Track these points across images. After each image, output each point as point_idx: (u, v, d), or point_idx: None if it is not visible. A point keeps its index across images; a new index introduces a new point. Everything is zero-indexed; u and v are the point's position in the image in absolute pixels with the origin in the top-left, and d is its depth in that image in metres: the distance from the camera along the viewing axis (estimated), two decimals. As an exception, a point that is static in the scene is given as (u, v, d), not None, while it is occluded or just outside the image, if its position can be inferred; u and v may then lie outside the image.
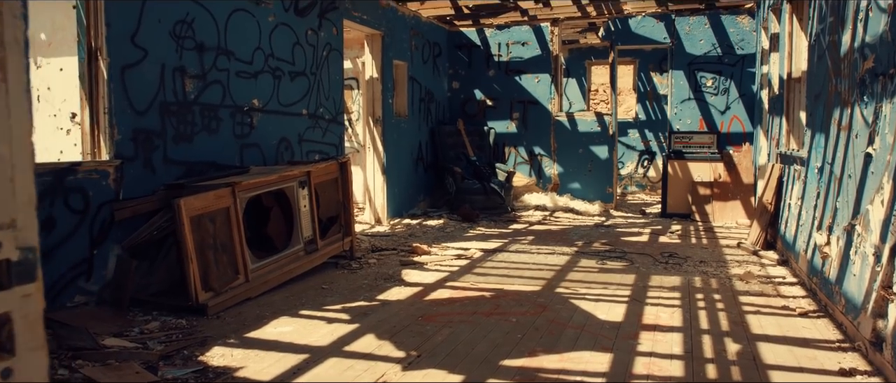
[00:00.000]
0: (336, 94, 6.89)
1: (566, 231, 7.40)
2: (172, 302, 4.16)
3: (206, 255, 4.16)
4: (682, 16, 8.94)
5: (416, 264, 5.54)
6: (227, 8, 5.26)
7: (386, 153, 7.94)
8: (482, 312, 4.10)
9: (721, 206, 8.13)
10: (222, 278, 4.26)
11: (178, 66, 4.77)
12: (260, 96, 5.70)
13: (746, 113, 8.75)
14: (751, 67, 8.69)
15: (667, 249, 6.20)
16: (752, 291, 4.64)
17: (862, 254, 3.47)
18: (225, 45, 5.25)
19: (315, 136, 6.53)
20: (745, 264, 5.56)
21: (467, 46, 9.91)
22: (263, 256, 4.77)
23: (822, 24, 4.68)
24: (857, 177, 3.66)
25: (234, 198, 4.39)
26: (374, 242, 6.54)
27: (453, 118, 9.88)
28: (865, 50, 3.58)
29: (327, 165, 5.52)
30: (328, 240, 5.47)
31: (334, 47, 6.85)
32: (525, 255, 5.94)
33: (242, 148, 5.48)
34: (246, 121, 5.52)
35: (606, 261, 5.66)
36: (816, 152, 4.70)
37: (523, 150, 9.69)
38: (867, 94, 3.52)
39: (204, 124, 5.04)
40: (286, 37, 6.06)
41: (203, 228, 4.16)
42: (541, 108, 9.56)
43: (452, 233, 7.21)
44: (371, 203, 7.98)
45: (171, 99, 4.71)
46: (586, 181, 9.38)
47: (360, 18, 7.36)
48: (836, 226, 4.03)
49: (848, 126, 3.89)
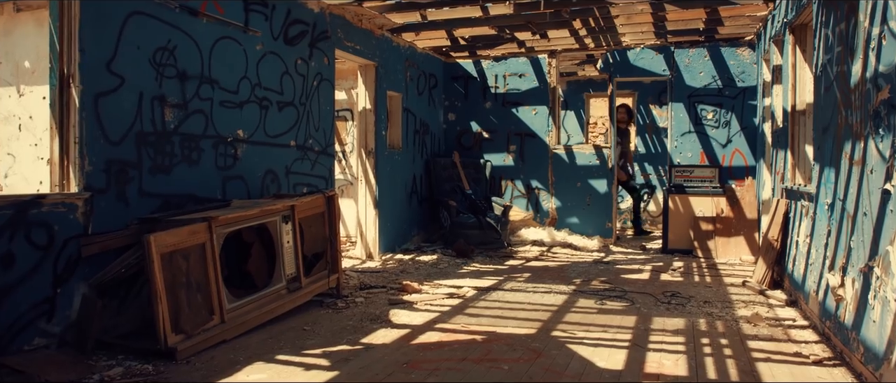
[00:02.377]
0: (326, 125, 6.69)
1: (564, 267, 7.12)
2: (140, 345, 3.88)
3: (178, 295, 3.89)
4: (682, 48, 8.80)
5: (406, 303, 5.26)
6: (212, 35, 5.09)
7: (378, 186, 7.71)
8: (472, 358, 3.81)
9: (724, 242, 7.87)
10: (195, 319, 3.99)
11: (157, 95, 4.56)
12: (245, 127, 5.49)
13: (748, 146, 8.55)
14: (752, 100, 8.52)
15: (669, 288, 5.92)
16: (761, 335, 4.36)
17: (882, 298, 3.21)
18: (209, 73, 5.06)
19: (304, 168, 6.30)
20: (751, 305, 5.28)
21: (463, 78, 9.76)
22: (242, 295, 4.50)
23: (829, 55, 4.48)
24: (873, 216, 3.41)
25: (211, 234, 4.14)
26: (364, 279, 6.27)
27: (449, 150, 9.68)
28: (879, 80, 3.37)
29: (313, 199, 5.28)
30: (313, 277, 5.20)
31: (325, 77, 6.67)
32: (520, 294, 5.66)
33: (225, 180, 5.25)
34: (230, 152, 5.30)
35: (606, 300, 5.39)
36: (826, 187, 4.46)
37: (520, 184, 9.46)
38: (883, 126, 3.29)
39: (184, 155, 4.82)
40: (274, 66, 5.88)
41: (175, 266, 3.90)
42: (538, 141, 9.36)
43: (446, 270, 6.93)
44: (362, 237, 7.72)
45: (148, 128, 4.49)
46: (585, 215, 9.13)
47: (353, 48, 7.20)
48: (851, 268, 3.77)
49: (861, 160, 3.66)
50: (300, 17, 6.23)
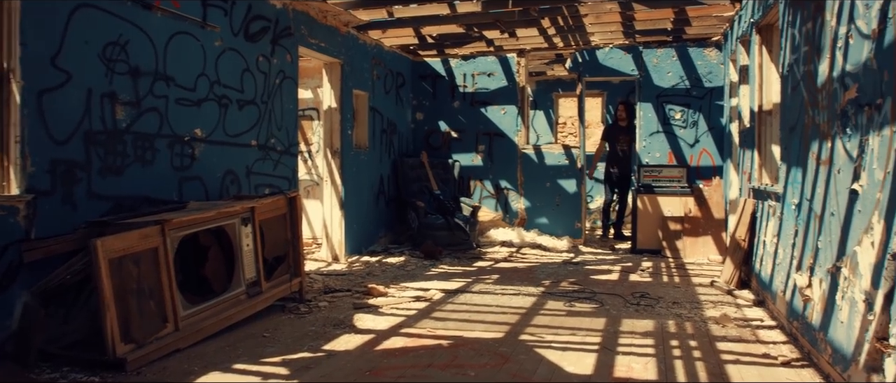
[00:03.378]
0: (290, 124, 6.50)
1: (533, 269, 7.05)
2: (88, 356, 3.67)
3: (128, 302, 3.69)
4: (650, 48, 8.81)
5: (371, 307, 5.12)
6: (167, 30, 4.87)
7: (344, 186, 7.54)
8: (438, 364, 3.69)
9: (692, 242, 7.88)
10: (147, 327, 3.79)
11: (107, 92, 4.34)
12: (203, 125, 5.28)
13: (716, 146, 8.59)
14: (719, 100, 8.56)
15: (638, 289, 5.88)
16: (729, 336, 4.32)
17: (850, 299, 3.17)
18: (164, 70, 4.85)
19: (266, 169, 6.11)
20: (720, 305, 5.26)
21: (431, 77, 9.63)
22: (198, 301, 4.31)
23: (796, 54, 4.47)
24: (840, 216, 3.38)
25: (164, 238, 3.94)
26: (328, 282, 6.10)
27: (417, 150, 9.55)
28: (846, 79, 3.34)
29: (274, 200, 5.10)
30: (274, 281, 5.03)
31: (288, 75, 6.48)
32: (488, 297, 5.56)
33: (182, 181, 5.04)
34: (186, 152, 5.09)
35: (575, 302, 5.31)
36: (793, 187, 4.45)
37: (489, 184, 9.37)
38: (850, 126, 3.26)
39: (137, 155, 4.60)
40: (235, 63, 5.68)
41: (125, 272, 3.70)
42: (507, 141, 9.29)
43: (413, 272, 6.80)
44: (328, 239, 7.54)
45: (98, 127, 4.27)
46: (554, 216, 9.08)
47: (318, 46, 7.02)
48: (818, 268, 3.75)
49: (828, 160, 3.64)
50: (261, 12, 6.04)
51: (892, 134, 2.74)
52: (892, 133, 2.74)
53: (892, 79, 2.74)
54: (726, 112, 8.18)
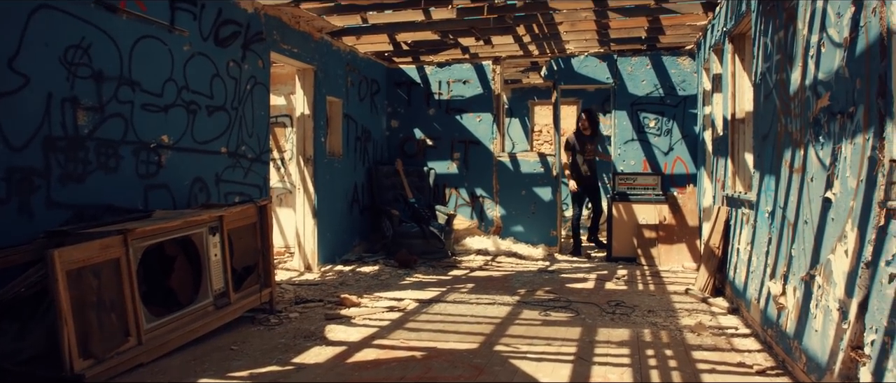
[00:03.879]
0: (261, 130, 6.37)
1: (508, 277, 6.99)
2: (44, 372, 3.50)
3: (87, 316, 3.54)
4: (625, 56, 8.85)
5: (343, 318, 5.01)
6: (133, 34, 4.74)
7: (317, 194, 7.42)
8: (411, 377, 3.60)
9: (667, 250, 7.90)
10: (108, 342, 3.64)
11: (68, 97, 4.19)
12: (171, 132, 5.14)
13: (689, 154, 8.64)
14: (693, 108, 8.62)
15: (613, 297, 5.85)
16: (704, 345, 4.30)
17: (824, 308, 3.16)
18: (129, 74, 4.70)
19: (236, 177, 5.97)
20: (695, 313, 5.25)
21: (407, 84, 9.56)
22: (163, 313, 4.17)
23: (768, 63, 4.49)
24: (814, 224, 3.38)
25: (127, 248, 3.80)
26: (300, 292, 5.97)
27: (391, 158, 9.46)
28: (819, 87, 3.34)
29: (244, 209, 4.97)
30: (243, 292, 4.90)
31: (260, 81, 6.36)
32: (463, 306, 5.49)
33: (147, 189, 4.89)
34: (153, 159, 4.94)
35: (550, 312, 5.26)
36: (766, 195, 4.46)
37: (465, 192, 9.31)
38: (823, 134, 3.26)
39: (100, 162, 4.45)
40: (204, 68, 5.55)
41: (85, 283, 3.55)
42: (483, 149, 9.24)
43: (387, 281, 6.70)
44: (300, 248, 7.41)
45: (58, 133, 4.11)
46: (530, 224, 9.05)
47: (291, 51, 6.91)
48: (792, 276, 3.74)
49: (801, 168, 3.64)
50: (232, 17, 5.92)
51: (864, 142, 2.73)
52: (864, 141, 2.73)
53: (864, 87, 2.73)
54: (700, 120, 8.24)
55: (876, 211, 2.58)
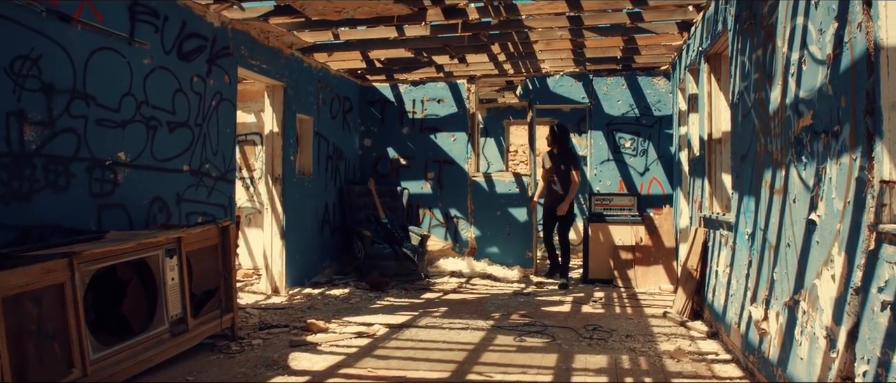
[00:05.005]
0: (226, 148, 6.13)
1: (483, 300, 6.79)
2: (-24, 407, 3.22)
3: (25, 346, 3.26)
4: (600, 76, 8.80)
5: (309, 345, 4.76)
6: (88, 45, 4.50)
7: (286, 214, 7.17)
8: (377, 410, 3.38)
9: (643, 271, 7.78)
10: (48, 374, 3.36)
11: (14, 110, 3.93)
12: (128, 149, 4.89)
13: (665, 174, 8.58)
14: (668, 129, 8.58)
15: (590, 321, 5.69)
16: (685, 372, 4.14)
17: (810, 335, 3.03)
18: (83, 87, 4.46)
19: (199, 196, 5.72)
20: (673, 337, 5.11)
21: (380, 102, 9.40)
22: (113, 342, 3.89)
23: (746, 82, 4.41)
24: (797, 247, 3.26)
25: (72, 272, 3.54)
26: (265, 317, 5.71)
27: (364, 177, 9.26)
28: (800, 106, 3.24)
29: (204, 230, 4.72)
30: (203, 318, 4.63)
31: (226, 97, 6.13)
32: (436, 331, 5.27)
33: (101, 209, 4.62)
34: (108, 177, 4.68)
35: (525, 337, 5.07)
36: (746, 217, 4.35)
37: (439, 212, 9.13)
38: (806, 154, 3.15)
39: (48, 180, 4.18)
40: (166, 82, 5.31)
41: (23, 311, 3.28)
42: (457, 168, 9.08)
43: (357, 305, 6.46)
44: (268, 270, 7.14)
45: (2, 148, 3.85)
46: (505, 245, 8.88)
47: (259, 67, 6.70)
48: (775, 300, 3.62)
49: (783, 189, 3.53)
50: (197, 30, 5.71)
51: (851, 162, 2.62)
52: (851, 161, 2.61)
53: (850, 104, 2.62)
54: (675, 140, 8.19)
55: (865, 234, 2.46)
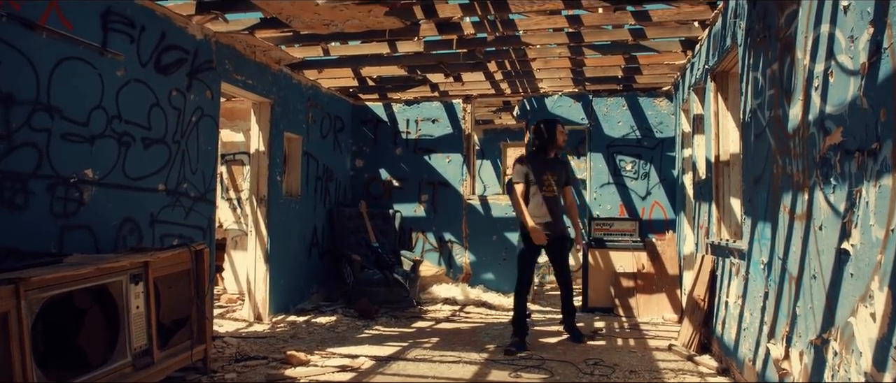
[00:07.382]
0: (207, 167, 5.80)
1: (477, 330, 6.42)
2: None
3: (-42, 385, 2.90)
4: (600, 96, 8.52)
5: (287, 380, 4.39)
6: (53, 54, 4.19)
7: (270, 237, 6.82)
8: (355, 460, 3.01)
9: (646, 300, 7.43)
10: (-15, 416, 2.99)
11: (-34, 122, 3.61)
12: (97, 165, 4.55)
13: (668, 198, 8.26)
14: (670, 151, 8.28)
15: (591, 354, 5.32)
16: (696, 415, 3.77)
17: (844, 379, 2.68)
18: (47, 99, 4.14)
19: (175, 217, 5.37)
20: (681, 373, 4.74)
21: (373, 121, 9.10)
22: (67, 377, 3.52)
23: (759, 99, 4.10)
24: (825, 279, 2.92)
25: (18, 301, 3.18)
26: (244, 347, 5.33)
27: (355, 199, 8.92)
28: (827, 122, 2.93)
29: (175, 254, 4.37)
30: (171, 349, 4.26)
31: (207, 113, 5.82)
32: (425, 365, 4.90)
33: (64, 230, 4.28)
34: (72, 195, 4.34)
35: (522, 372, 4.70)
36: (761, 245, 4.01)
37: (432, 236, 8.78)
38: (835, 175, 2.83)
39: (3, 199, 3.84)
40: (141, 96, 5.00)
41: (-42, 345, 2.92)
42: (452, 191, 8.76)
43: (344, 334, 6.08)
44: (251, 296, 6.77)
45: (-50, 164, 3.52)
46: (501, 271, 8.52)
47: (245, 83, 6.40)
48: (797, 338, 3.27)
49: (805, 214, 3.20)
50: (178, 42, 5.41)
51: (893, 184, 2.29)
52: (894, 183, 2.29)
53: (891, 118, 2.31)
54: (678, 163, 7.88)
55: (915, 267, 2.13)
